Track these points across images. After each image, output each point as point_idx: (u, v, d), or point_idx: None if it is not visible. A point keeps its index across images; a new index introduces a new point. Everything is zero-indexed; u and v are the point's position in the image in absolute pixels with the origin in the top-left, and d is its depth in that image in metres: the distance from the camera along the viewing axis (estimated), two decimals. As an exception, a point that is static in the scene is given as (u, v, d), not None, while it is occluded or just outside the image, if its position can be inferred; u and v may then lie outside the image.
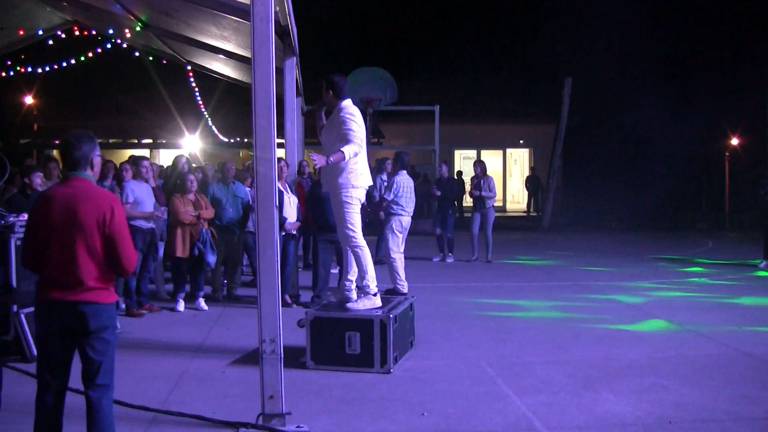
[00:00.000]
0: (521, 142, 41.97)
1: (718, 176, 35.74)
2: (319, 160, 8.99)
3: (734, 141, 36.67)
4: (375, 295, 9.49)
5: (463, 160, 41.38)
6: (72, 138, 5.88)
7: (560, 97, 31.90)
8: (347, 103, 9.34)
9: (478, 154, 39.21)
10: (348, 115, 9.18)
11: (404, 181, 14.44)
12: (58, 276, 5.64)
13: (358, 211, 9.41)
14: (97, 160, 5.98)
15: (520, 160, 44.04)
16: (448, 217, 19.61)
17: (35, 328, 5.84)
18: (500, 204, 34.24)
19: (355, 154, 9.08)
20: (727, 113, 35.25)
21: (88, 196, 5.72)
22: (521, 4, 50.12)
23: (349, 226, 9.32)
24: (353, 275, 9.75)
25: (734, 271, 17.83)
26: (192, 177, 13.24)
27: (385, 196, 14.60)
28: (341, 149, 8.98)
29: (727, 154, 36.39)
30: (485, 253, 19.14)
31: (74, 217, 5.63)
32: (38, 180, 11.29)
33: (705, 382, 8.55)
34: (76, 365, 5.75)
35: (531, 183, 38.50)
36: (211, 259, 12.93)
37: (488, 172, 19.42)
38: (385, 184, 15.82)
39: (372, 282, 9.49)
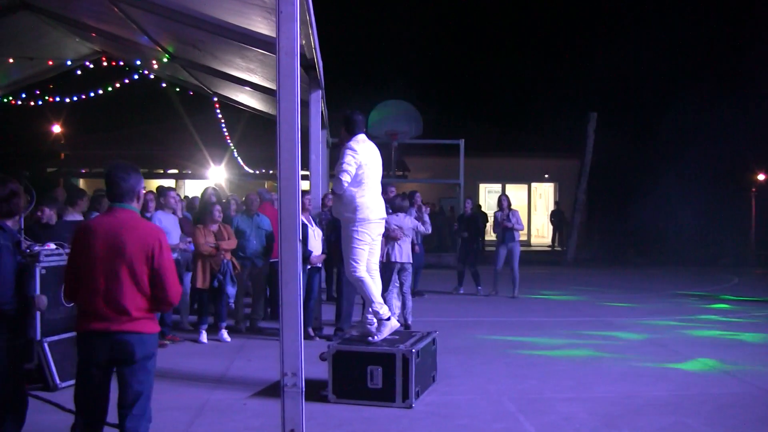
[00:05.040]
0: (546, 176, 41.94)
1: (744, 212, 35.54)
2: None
3: (761, 176, 36.53)
4: (389, 319, 9.52)
5: (488, 194, 41.38)
6: (119, 170, 5.90)
7: (585, 131, 31.84)
8: (357, 138, 9.44)
9: (503, 188, 39.27)
10: (348, 150, 9.29)
11: None
12: (102, 306, 5.67)
13: (364, 246, 9.42)
14: (143, 193, 6.02)
15: (545, 194, 43.99)
16: (473, 252, 19.59)
17: (78, 358, 5.85)
18: (524, 238, 34.10)
19: (342, 186, 9.18)
20: (754, 148, 35.11)
21: (134, 227, 5.77)
22: (546, 40, 50.21)
23: (352, 260, 9.38)
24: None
25: (760, 308, 17.66)
26: (218, 207, 13.28)
27: None
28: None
29: (753, 189, 36.22)
30: (511, 289, 18.99)
31: (120, 248, 5.67)
32: (38, 213, 11.18)
33: (727, 420, 8.49)
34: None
35: (555, 217, 38.45)
36: (231, 290, 12.93)
37: (514, 206, 19.34)
38: (414, 216, 15.59)
39: (382, 308, 9.52)
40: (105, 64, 22.94)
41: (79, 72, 23.31)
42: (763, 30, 39.33)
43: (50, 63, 21.92)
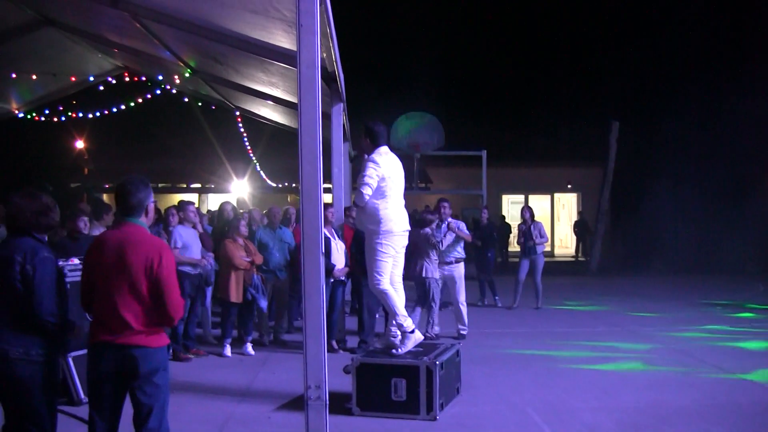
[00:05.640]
0: (569, 186, 41.78)
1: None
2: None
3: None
4: (413, 331, 9.49)
5: (511, 205, 41.29)
6: (128, 184, 5.94)
7: (607, 141, 31.77)
8: (380, 150, 9.38)
9: (526, 199, 39.16)
10: (370, 162, 9.25)
11: None
12: (107, 318, 5.73)
13: (388, 259, 9.36)
14: (152, 207, 6.05)
15: (568, 204, 43.85)
16: (487, 261, 19.53)
17: (87, 370, 5.89)
18: (548, 249, 34.00)
19: (363, 199, 9.16)
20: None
21: (138, 241, 5.81)
22: (567, 49, 50.16)
23: (375, 273, 9.34)
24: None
25: (787, 317, 17.53)
26: (244, 222, 13.32)
27: None
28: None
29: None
30: (535, 300, 18.84)
31: (123, 262, 5.73)
32: (81, 224, 11.36)
33: (754, 429, 8.46)
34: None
35: (579, 227, 38.27)
36: (264, 303, 12.99)
37: (537, 217, 19.20)
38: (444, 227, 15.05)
39: (405, 320, 9.48)
40: (127, 79, 23.13)
41: (101, 87, 23.50)
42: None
43: (73, 79, 22.12)
